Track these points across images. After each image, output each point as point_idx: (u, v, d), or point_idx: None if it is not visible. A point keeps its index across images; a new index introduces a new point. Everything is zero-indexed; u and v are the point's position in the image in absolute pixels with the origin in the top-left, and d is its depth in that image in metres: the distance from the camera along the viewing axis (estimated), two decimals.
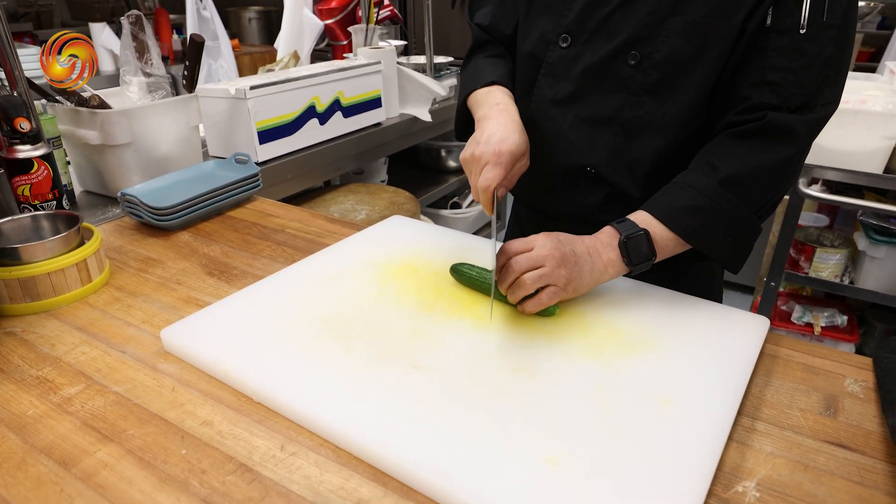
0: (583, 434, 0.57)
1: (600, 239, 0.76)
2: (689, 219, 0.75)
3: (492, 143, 0.77)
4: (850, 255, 1.85)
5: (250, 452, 0.58)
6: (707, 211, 0.75)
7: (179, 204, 1.04)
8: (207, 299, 0.85)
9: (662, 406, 0.61)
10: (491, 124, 0.81)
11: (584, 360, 0.67)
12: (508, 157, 0.77)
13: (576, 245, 0.75)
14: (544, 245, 0.73)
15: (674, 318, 0.75)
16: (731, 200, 0.75)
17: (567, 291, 0.73)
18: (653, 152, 0.84)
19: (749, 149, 0.76)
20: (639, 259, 0.75)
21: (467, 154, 0.79)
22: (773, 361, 0.72)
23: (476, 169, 0.78)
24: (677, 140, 0.83)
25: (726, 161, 0.76)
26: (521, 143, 0.79)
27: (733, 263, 0.79)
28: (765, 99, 0.75)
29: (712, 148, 0.78)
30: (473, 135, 0.82)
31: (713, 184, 0.75)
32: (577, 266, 0.73)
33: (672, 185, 0.78)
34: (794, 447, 0.59)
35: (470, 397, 0.62)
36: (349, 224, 1.09)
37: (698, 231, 0.75)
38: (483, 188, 0.76)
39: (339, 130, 1.62)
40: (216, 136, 1.45)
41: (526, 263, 0.72)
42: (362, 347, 0.69)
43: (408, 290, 0.81)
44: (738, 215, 0.75)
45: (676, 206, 0.76)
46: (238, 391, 0.66)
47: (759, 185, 0.76)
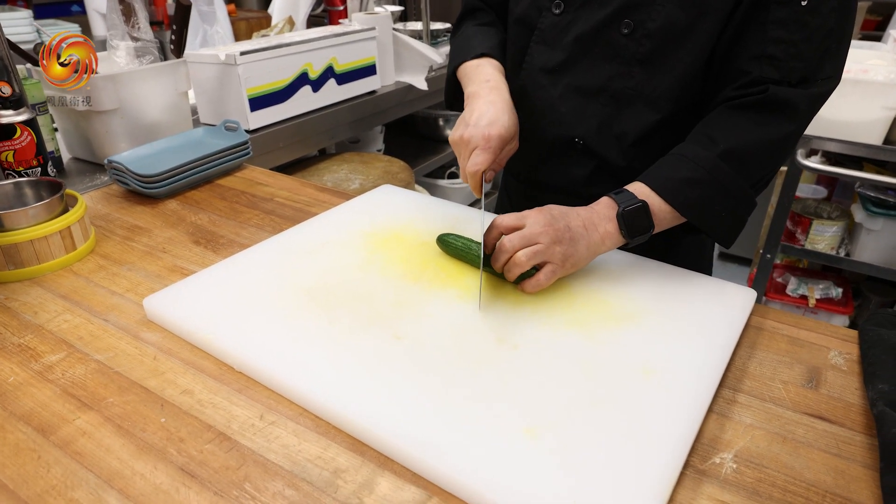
0: (563, 406, 0.57)
1: (597, 210, 0.75)
2: (686, 191, 0.73)
3: (481, 125, 0.76)
4: (847, 228, 1.84)
5: (229, 421, 0.58)
6: (705, 184, 0.73)
7: (167, 171, 1.03)
8: (193, 268, 0.84)
9: (644, 378, 0.60)
10: (480, 104, 0.79)
11: (568, 331, 0.67)
12: (497, 142, 0.75)
13: (570, 219, 0.73)
14: (537, 222, 0.71)
15: (661, 291, 0.74)
16: (729, 174, 0.73)
17: (565, 268, 0.72)
18: (642, 125, 0.82)
19: (749, 122, 0.74)
20: (637, 231, 0.73)
21: (456, 136, 0.78)
22: (759, 333, 0.71)
23: (465, 152, 0.77)
24: (668, 115, 0.81)
25: (726, 134, 0.74)
26: (510, 125, 0.78)
27: (727, 238, 0.78)
28: (765, 73, 0.73)
29: (711, 120, 0.76)
30: (463, 114, 0.81)
31: (712, 157, 0.73)
32: (572, 241, 0.71)
33: (670, 156, 0.77)
34: (774, 419, 0.59)
35: (451, 368, 0.61)
36: (338, 193, 1.08)
37: (695, 204, 0.74)
38: (472, 173, 0.75)
39: (332, 98, 1.60)
40: (207, 103, 1.43)
41: (519, 241, 0.70)
42: (345, 317, 0.69)
43: (394, 261, 0.80)
44: (734, 189, 0.74)
45: (674, 178, 0.74)
46: (219, 360, 0.66)
47: (758, 159, 0.74)
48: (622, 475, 0.50)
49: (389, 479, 0.52)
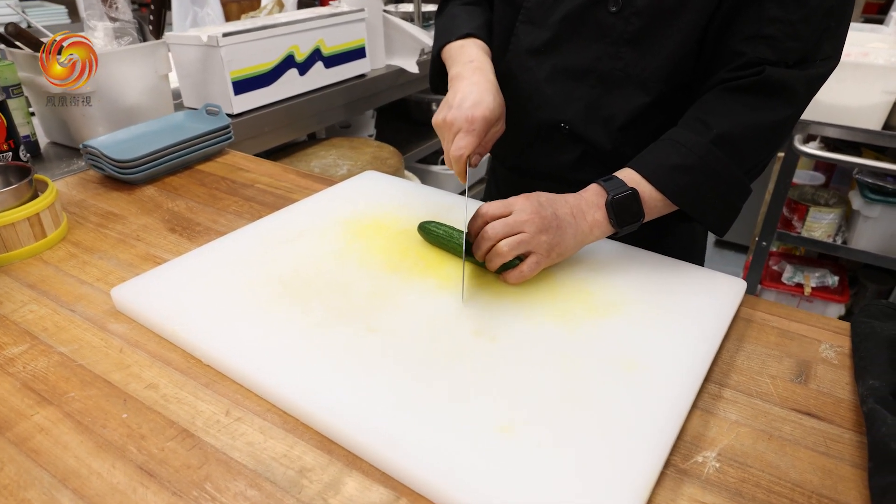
0: (540, 401, 0.55)
1: (585, 198, 0.72)
2: (678, 178, 0.70)
3: (464, 107, 0.73)
4: (844, 215, 1.81)
5: (194, 417, 0.56)
6: (697, 171, 0.70)
7: (144, 156, 1.00)
8: (166, 256, 0.82)
9: (626, 372, 0.58)
10: (464, 85, 0.76)
11: (549, 323, 0.64)
12: (482, 124, 0.72)
13: (558, 207, 0.70)
14: (523, 209, 0.68)
15: (648, 281, 0.72)
16: (723, 160, 0.70)
17: (550, 258, 0.70)
18: (631, 109, 0.79)
19: (744, 106, 0.70)
20: (626, 220, 0.70)
21: (439, 119, 0.74)
22: (748, 326, 0.69)
23: (448, 135, 0.73)
24: (658, 97, 0.78)
25: (719, 119, 0.71)
26: (495, 107, 0.75)
27: (720, 226, 0.75)
28: (760, 54, 0.69)
29: (704, 104, 0.73)
30: (446, 97, 0.77)
31: (705, 142, 0.70)
32: (559, 230, 0.69)
33: (661, 142, 0.74)
34: (760, 415, 0.57)
35: (424, 362, 0.59)
36: (321, 179, 1.05)
37: (687, 191, 0.71)
38: (455, 157, 0.72)
39: (320, 82, 1.56)
40: (190, 87, 1.40)
41: (503, 229, 0.67)
42: (318, 309, 0.66)
43: (373, 249, 0.78)
44: (728, 176, 0.71)
45: (665, 164, 0.71)
46: (187, 353, 0.64)
47: (753, 144, 0.71)
48: (599, 476, 0.48)
49: (357, 478, 0.50)
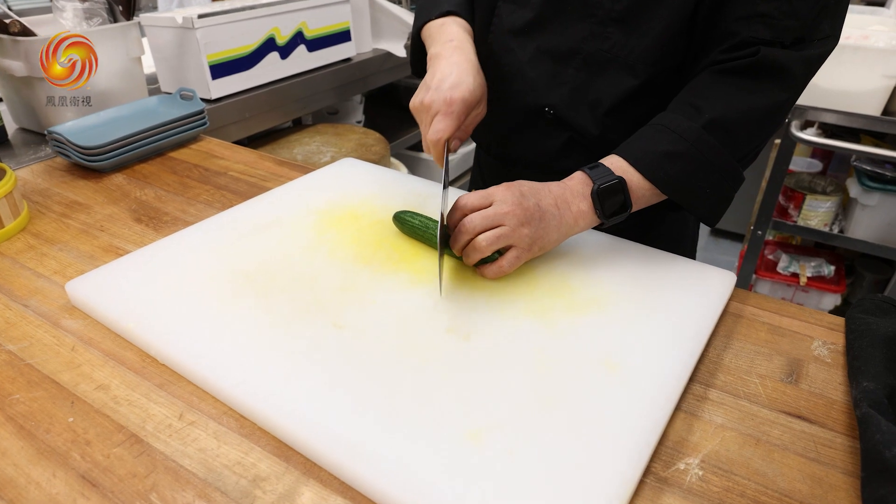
0: (513, 405, 0.51)
1: (570, 187, 0.68)
2: (667, 166, 0.66)
3: (443, 89, 0.68)
4: (842, 203, 1.77)
5: (144, 421, 0.52)
6: (687, 158, 0.66)
7: (111, 143, 0.96)
8: (129, 248, 0.78)
9: (606, 373, 0.55)
10: (443, 65, 0.72)
11: (526, 320, 0.61)
12: (461, 106, 0.68)
13: (541, 197, 0.66)
14: (504, 200, 0.64)
15: (633, 275, 0.68)
16: (715, 147, 0.66)
17: (532, 252, 0.66)
18: (618, 92, 0.75)
19: (738, 89, 0.66)
20: (613, 211, 0.67)
21: (416, 101, 0.70)
22: (737, 321, 0.65)
23: (426, 118, 0.69)
24: (646, 80, 0.74)
25: (711, 102, 0.66)
26: (475, 88, 0.70)
27: (711, 216, 0.71)
28: (755, 33, 0.65)
29: (695, 87, 0.69)
30: (424, 78, 0.73)
31: (696, 127, 0.66)
32: (542, 222, 0.65)
33: (649, 127, 0.70)
34: (748, 418, 0.53)
35: (392, 362, 0.55)
36: (297, 167, 1.01)
37: (677, 180, 0.67)
38: (433, 141, 0.68)
39: (303, 66, 1.51)
40: (167, 71, 1.35)
41: (481, 222, 0.63)
42: (283, 305, 0.63)
43: (345, 241, 0.74)
44: (720, 163, 0.67)
45: (654, 151, 0.67)
46: (143, 352, 0.60)
47: (747, 130, 0.67)
48: (574, 485, 0.44)
49: (314, 488, 0.47)
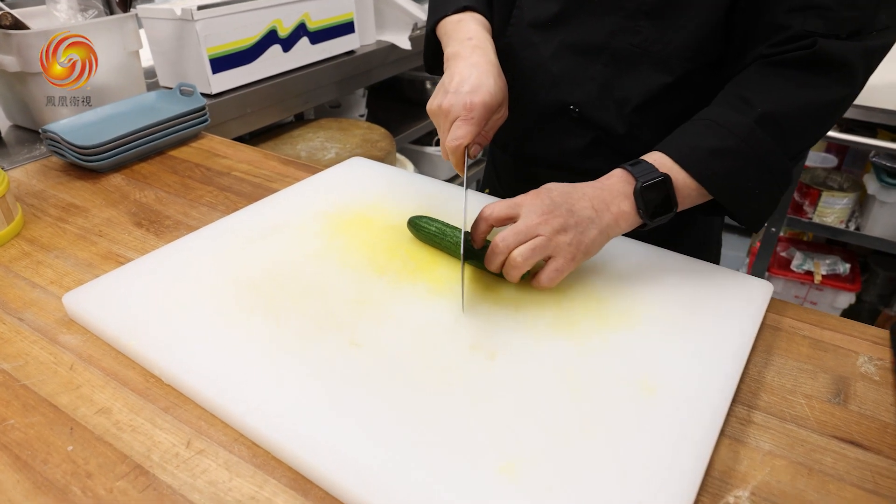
0: (546, 435, 0.47)
1: (608, 186, 0.62)
2: (715, 164, 0.61)
3: (462, 92, 0.64)
4: (858, 200, 1.73)
5: (149, 450, 0.49)
6: (738, 155, 0.61)
7: (109, 142, 0.92)
8: (130, 255, 0.74)
9: (644, 396, 0.51)
10: (462, 67, 0.67)
11: (554, 336, 0.57)
12: (481, 111, 0.64)
13: (574, 201, 0.60)
14: (532, 210, 0.59)
15: (663, 284, 0.64)
16: (767, 143, 0.61)
17: (576, 261, 0.60)
18: (649, 90, 0.71)
19: (793, 83, 0.61)
20: (657, 211, 0.61)
21: (434, 105, 0.66)
22: (775, 335, 0.62)
23: (444, 124, 0.65)
24: (680, 77, 0.69)
25: (764, 96, 0.61)
26: (496, 91, 0.66)
27: (756, 220, 0.66)
28: (810, 26, 0.60)
29: (744, 81, 0.64)
30: (442, 79, 0.69)
31: (748, 122, 0.61)
32: (578, 228, 0.59)
33: (694, 122, 0.64)
34: (797, 444, 0.50)
35: (414, 384, 0.52)
36: (304, 167, 0.97)
37: (725, 179, 0.62)
38: (453, 148, 0.63)
39: (305, 59, 1.47)
40: (165, 65, 1.30)
41: (514, 239, 0.58)
42: (294, 319, 0.59)
43: (357, 248, 0.70)
44: (771, 162, 0.62)
45: (701, 147, 0.62)
46: (147, 370, 0.56)
47: (801, 127, 0.62)
48: None
49: None
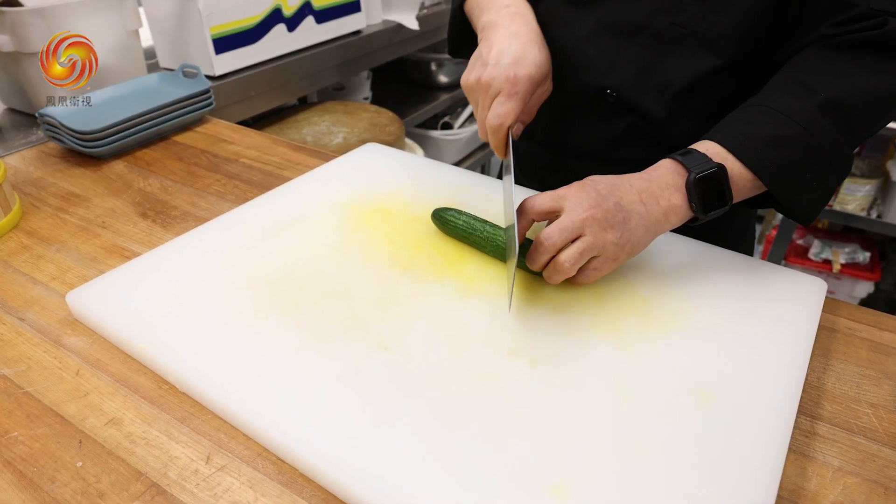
0: (597, 450, 0.44)
1: (656, 178, 0.57)
2: (773, 154, 0.56)
3: (503, 64, 0.58)
4: (881, 187, 1.69)
5: (166, 466, 0.45)
6: (798, 144, 0.56)
7: (110, 126, 0.87)
8: (136, 248, 0.69)
9: (701, 406, 0.47)
10: (501, 36, 0.61)
11: (599, 340, 0.53)
12: (526, 84, 0.58)
13: (622, 194, 0.55)
14: (579, 203, 0.54)
15: (708, 282, 0.60)
16: (830, 132, 0.56)
17: (619, 260, 0.56)
18: (693, 74, 0.66)
19: (859, 67, 0.56)
20: (712, 204, 0.56)
21: (472, 79, 0.60)
22: (832, 337, 0.58)
23: (484, 100, 0.59)
24: (729, 60, 0.64)
25: (827, 81, 0.56)
26: (542, 62, 0.60)
27: (810, 213, 0.61)
28: (878, 4, 0.55)
29: (803, 64, 0.59)
30: (478, 51, 0.63)
31: (811, 108, 0.56)
32: (626, 224, 0.54)
33: (748, 109, 0.59)
34: (868, 460, 0.46)
35: (449, 393, 0.48)
36: (316, 153, 0.92)
37: (783, 170, 0.57)
38: (495, 127, 0.57)
39: (311, 39, 1.41)
40: (166, 45, 1.24)
41: (560, 237, 0.53)
42: (317, 320, 0.55)
43: (379, 242, 0.66)
44: (834, 152, 0.57)
45: (758, 136, 0.56)
46: (159, 376, 0.52)
47: (867, 114, 0.58)
48: None
49: None
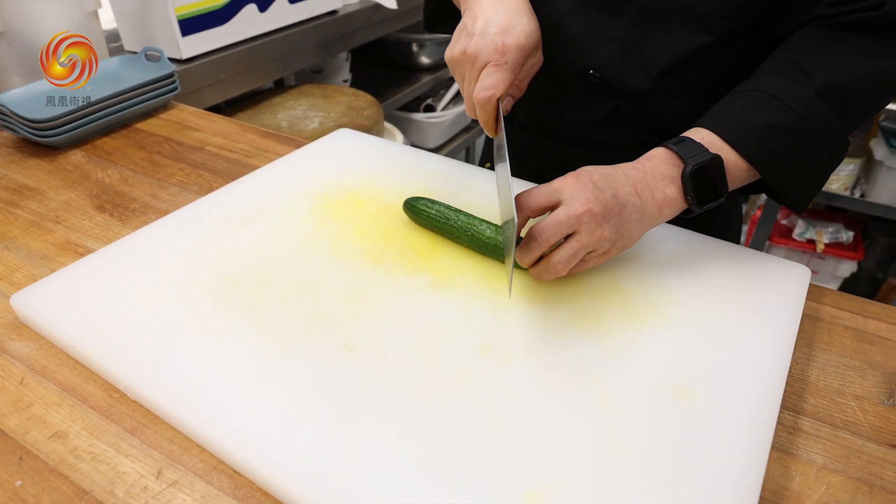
0: (576, 453, 0.41)
1: (650, 169, 0.55)
2: (770, 142, 0.54)
3: (491, 34, 0.54)
4: (864, 166, 1.68)
5: (113, 483, 0.42)
6: (795, 132, 0.54)
7: (66, 114, 0.82)
8: (91, 244, 0.66)
9: (682, 405, 0.45)
10: (486, 6, 0.57)
11: (576, 334, 0.51)
12: (516, 54, 0.54)
13: (618, 186, 0.52)
14: (576, 197, 0.50)
15: (689, 272, 0.58)
16: (827, 119, 0.54)
17: (609, 255, 0.54)
18: (682, 51, 0.63)
19: (856, 50, 0.54)
20: (707, 197, 0.54)
21: (456, 52, 0.56)
22: (815, 326, 0.56)
23: (471, 73, 0.55)
24: (720, 37, 0.61)
25: (824, 65, 0.54)
26: (532, 31, 0.56)
27: (804, 200, 0.59)
28: None
29: (798, 46, 0.57)
30: (462, 22, 0.58)
31: (808, 94, 0.53)
32: (621, 217, 0.52)
33: (741, 94, 0.57)
34: (853, 456, 0.44)
35: (419, 397, 0.45)
36: (286, 140, 0.88)
37: (780, 159, 0.55)
38: (483, 100, 0.53)
39: (284, 19, 1.36)
40: (129, 27, 1.19)
41: (555, 232, 0.50)
42: (281, 319, 0.52)
43: (349, 234, 0.63)
44: (830, 139, 0.55)
45: (753, 124, 0.54)
46: (109, 384, 0.49)
47: (865, 99, 0.56)
48: None
49: None
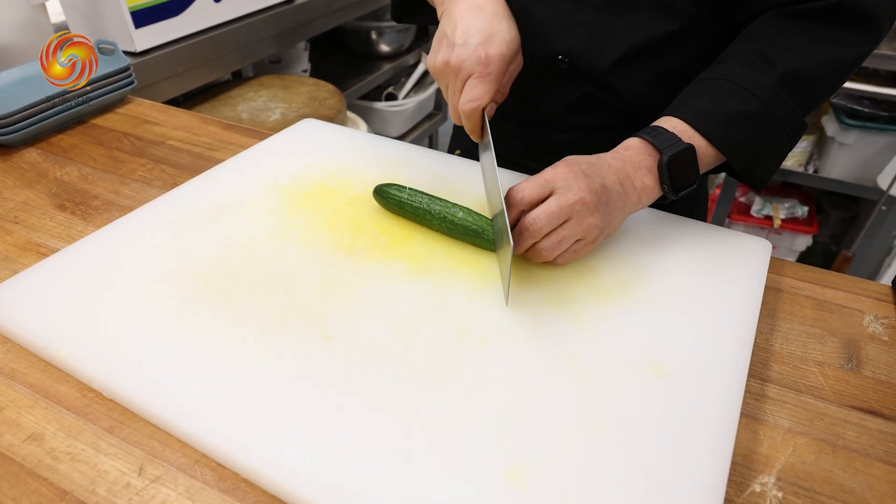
0: (554, 431, 0.42)
1: (628, 158, 0.56)
2: (735, 130, 0.56)
3: (472, 44, 0.54)
4: (816, 142, 1.74)
5: (94, 482, 0.41)
6: (759, 119, 0.56)
7: (19, 111, 0.80)
8: (54, 244, 0.64)
9: (656, 379, 0.46)
10: (464, 11, 0.57)
11: (550, 316, 0.52)
12: (499, 64, 0.55)
13: (604, 174, 0.54)
14: (568, 187, 0.52)
15: (655, 248, 0.60)
16: (788, 105, 0.57)
17: (596, 242, 0.56)
18: (650, 36, 0.64)
19: (815, 38, 0.57)
20: (682, 185, 0.57)
21: (439, 62, 0.56)
22: (777, 297, 0.58)
23: (455, 84, 0.56)
24: (688, 23, 0.63)
25: (785, 52, 0.56)
26: (512, 38, 0.57)
27: (764, 180, 0.62)
28: None
29: (759, 34, 0.59)
30: (441, 29, 0.58)
31: (770, 83, 0.56)
32: (608, 206, 0.54)
33: (708, 82, 0.59)
34: (817, 419, 0.46)
35: (398, 382, 0.45)
36: (249, 132, 0.87)
37: (745, 144, 0.57)
38: (469, 111, 0.54)
39: (240, 9, 1.33)
40: (79, 20, 1.16)
41: (547, 222, 0.51)
42: (254, 312, 0.51)
43: (319, 225, 0.62)
44: (790, 123, 0.58)
45: (721, 112, 0.56)
46: (83, 383, 0.48)
47: (822, 85, 0.58)
48: None
49: None
